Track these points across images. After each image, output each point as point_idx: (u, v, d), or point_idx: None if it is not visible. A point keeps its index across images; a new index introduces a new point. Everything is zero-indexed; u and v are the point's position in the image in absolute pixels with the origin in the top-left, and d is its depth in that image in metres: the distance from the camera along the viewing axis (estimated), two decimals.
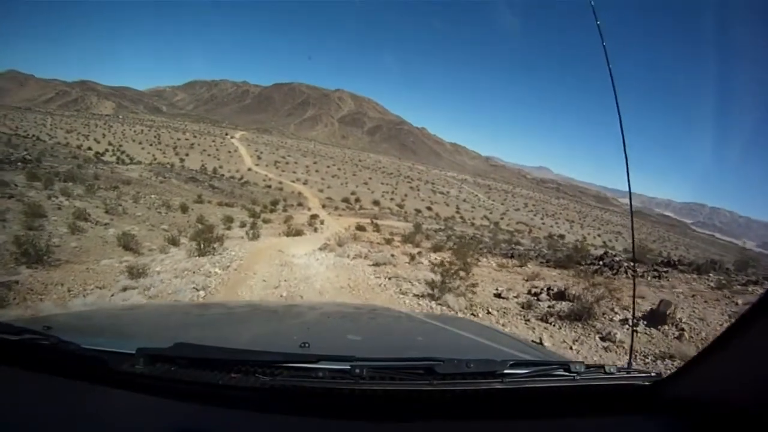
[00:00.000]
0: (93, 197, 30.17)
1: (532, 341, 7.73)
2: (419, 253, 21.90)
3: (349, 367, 1.44)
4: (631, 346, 2.90)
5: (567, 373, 1.57)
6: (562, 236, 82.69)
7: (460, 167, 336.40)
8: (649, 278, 19.04)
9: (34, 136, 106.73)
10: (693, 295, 13.54)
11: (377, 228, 43.56)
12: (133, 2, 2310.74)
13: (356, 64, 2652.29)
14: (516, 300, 12.42)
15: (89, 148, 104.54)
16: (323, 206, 75.05)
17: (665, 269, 20.23)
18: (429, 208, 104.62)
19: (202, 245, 16.75)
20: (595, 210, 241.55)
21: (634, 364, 2.11)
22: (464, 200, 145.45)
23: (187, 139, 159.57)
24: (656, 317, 9.68)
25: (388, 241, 29.38)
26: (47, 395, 1.41)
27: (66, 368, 1.50)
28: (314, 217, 49.55)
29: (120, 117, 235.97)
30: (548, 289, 13.26)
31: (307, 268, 15.33)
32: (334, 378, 1.42)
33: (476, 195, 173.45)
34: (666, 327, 9.46)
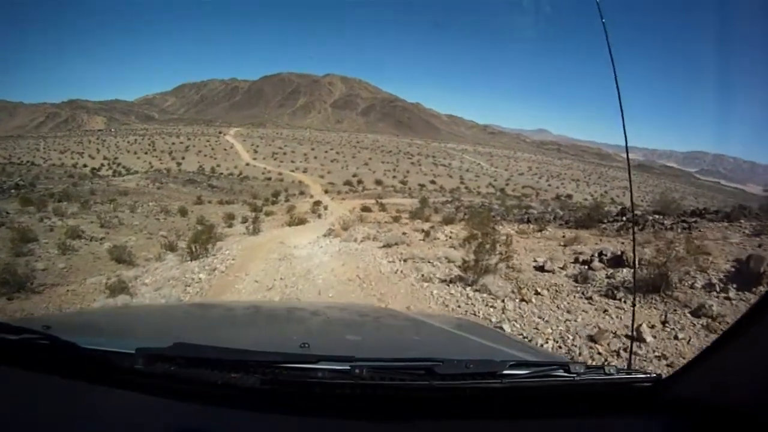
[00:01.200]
0: (88, 213, 29.72)
1: (616, 331, 6.52)
2: (432, 227, 20.60)
3: (348, 368, 1.41)
4: (631, 347, 2.98)
5: (567, 374, 1.52)
6: (569, 196, 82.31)
7: (458, 138, 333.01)
8: (678, 230, 18.12)
9: (28, 161, 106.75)
10: (760, 245, 11.82)
11: (383, 207, 42.54)
12: (110, 13, 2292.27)
13: (342, 47, 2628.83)
14: (564, 273, 10.54)
15: (84, 165, 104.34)
16: (326, 192, 74.52)
17: (693, 219, 19.07)
18: (433, 182, 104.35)
19: (193, 248, 15.67)
20: (599, 167, 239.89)
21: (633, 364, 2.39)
22: (467, 170, 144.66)
23: (181, 143, 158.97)
24: (748, 277, 7.86)
25: (396, 219, 28.27)
26: (47, 395, 1.41)
27: (65, 368, 1.49)
28: (317, 203, 48.69)
29: (112, 130, 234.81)
30: (600, 254, 11.23)
31: (309, 259, 14.14)
32: (334, 378, 1.41)
33: (479, 163, 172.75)
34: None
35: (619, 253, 10.78)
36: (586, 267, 10.57)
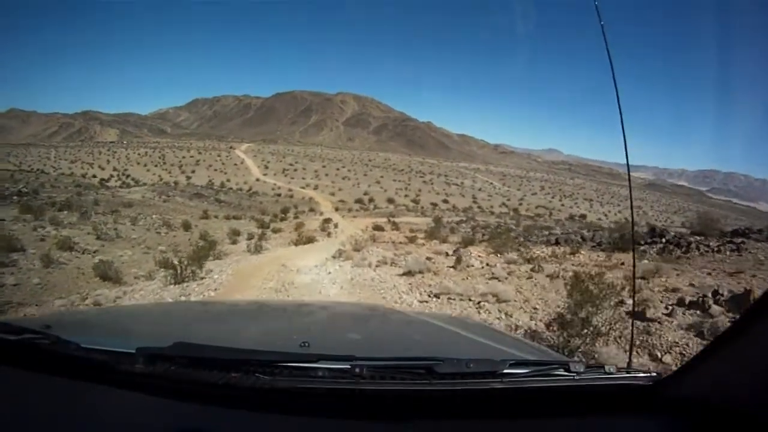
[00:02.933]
0: (86, 224, 28.24)
1: None
2: (456, 250, 18.62)
3: (349, 367, 1.43)
4: (631, 344, 3.05)
5: (567, 373, 1.55)
6: (583, 216, 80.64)
7: (469, 157, 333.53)
8: (727, 252, 16.51)
9: (38, 169, 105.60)
10: None
11: (396, 226, 41.05)
12: (127, 26, 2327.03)
13: (355, 65, 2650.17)
14: (675, 322, 7.91)
15: (94, 176, 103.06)
16: (336, 209, 72.87)
17: (739, 240, 17.87)
18: (445, 201, 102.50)
19: (179, 270, 13.88)
20: (611, 187, 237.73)
21: (633, 363, 2.21)
22: (479, 189, 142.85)
23: (192, 157, 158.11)
24: None
25: (412, 239, 26.56)
26: (47, 395, 1.42)
27: (66, 368, 1.50)
28: (327, 221, 46.75)
29: (124, 142, 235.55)
30: (715, 293, 8.71)
31: (313, 289, 12.35)
32: (334, 378, 1.43)
33: (491, 183, 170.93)
34: None
35: (741, 291, 8.50)
36: (702, 312, 8.19)
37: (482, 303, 10.29)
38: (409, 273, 13.63)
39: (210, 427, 1.32)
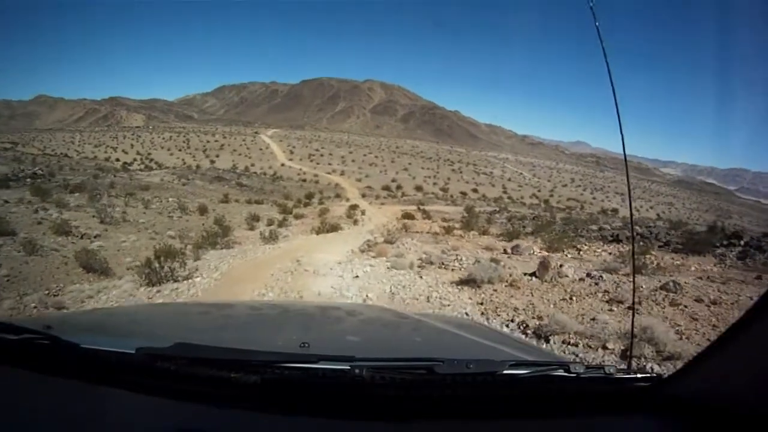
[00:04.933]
0: (93, 206, 26.49)
1: None
2: (517, 247, 15.73)
3: (349, 368, 1.42)
4: (631, 344, 3.17)
5: (567, 374, 1.53)
6: (615, 210, 77.68)
7: (497, 147, 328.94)
8: None
9: (61, 153, 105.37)
10: None
11: (427, 214, 38.28)
12: (155, 13, 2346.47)
13: (383, 53, 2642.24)
14: None
15: (117, 160, 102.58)
16: (363, 196, 70.96)
17: None
18: (474, 190, 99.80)
19: (160, 266, 11.32)
20: (641, 182, 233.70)
21: (633, 364, 2.42)
22: (509, 179, 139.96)
23: (216, 141, 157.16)
24: None
25: (448, 230, 23.62)
26: (47, 395, 1.42)
27: (66, 368, 1.50)
28: (353, 207, 44.06)
29: (150, 128, 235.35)
30: None
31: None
32: (334, 378, 1.43)
33: (520, 173, 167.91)
34: None
35: None
36: None
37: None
38: (471, 282, 10.21)
39: (210, 427, 1.32)
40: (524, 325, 7.91)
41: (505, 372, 1.47)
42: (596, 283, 10.09)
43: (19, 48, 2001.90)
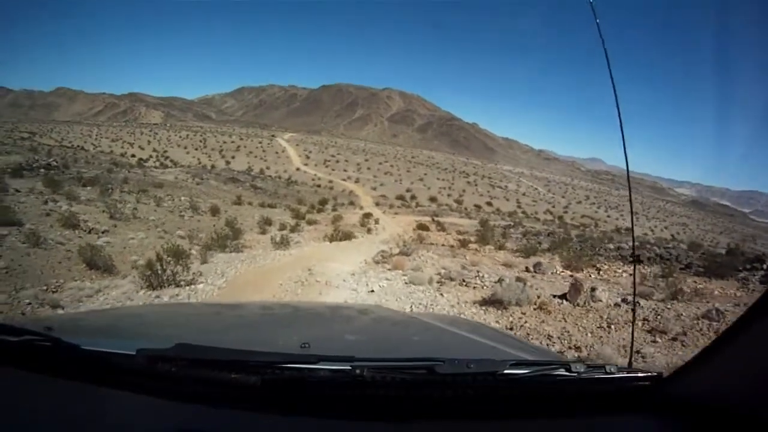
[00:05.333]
0: (104, 201, 26.10)
1: None
2: (539, 265, 15.10)
3: (349, 368, 1.43)
4: (632, 344, 2.80)
5: (567, 373, 1.55)
6: (629, 229, 76.28)
7: (513, 161, 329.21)
8: None
9: (78, 146, 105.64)
10: None
11: (441, 226, 37.76)
12: (177, 11, 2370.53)
13: (402, 62, 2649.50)
14: None
15: (132, 155, 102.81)
16: (377, 204, 70.35)
17: None
18: (489, 204, 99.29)
19: (162, 269, 10.71)
20: (656, 201, 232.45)
21: (634, 363, 2.29)
22: (524, 194, 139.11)
23: (233, 142, 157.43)
24: None
25: (464, 243, 23.07)
26: (47, 396, 1.42)
27: (66, 369, 1.50)
28: (367, 216, 43.69)
29: (167, 125, 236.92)
30: None
31: None
32: (334, 378, 1.44)
33: (535, 188, 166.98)
34: None
35: None
36: None
37: None
38: (496, 303, 9.48)
39: (211, 428, 1.32)
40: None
41: (505, 372, 1.47)
42: (632, 310, 9.20)
43: (43, 39, 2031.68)
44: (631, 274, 16.70)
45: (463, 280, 11.91)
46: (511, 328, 8.35)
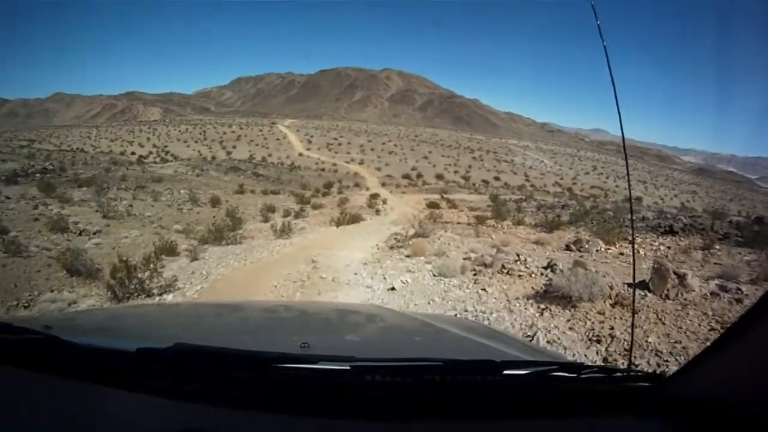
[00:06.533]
0: (99, 200, 25.50)
1: None
2: (579, 242, 13.64)
3: (349, 368, 1.42)
4: (631, 345, 3.12)
5: (567, 373, 1.54)
6: (639, 199, 76.83)
7: (517, 135, 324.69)
8: None
9: (77, 148, 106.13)
10: None
11: (452, 204, 36.58)
12: (169, 7, 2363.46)
13: (400, 42, 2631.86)
14: None
15: (132, 153, 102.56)
16: (383, 184, 69.63)
17: None
18: (496, 178, 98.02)
19: (128, 276, 9.25)
20: (663, 170, 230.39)
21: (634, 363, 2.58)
22: (530, 167, 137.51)
23: (233, 132, 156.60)
24: None
25: (480, 220, 21.62)
26: (47, 395, 1.42)
27: (66, 368, 1.51)
28: (374, 196, 42.55)
29: (167, 121, 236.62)
30: None
31: None
32: (334, 378, 1.44)
33: (541, 161, 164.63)
34: None
35: None
36: None
37: None
38: (557, 299, 7.29)
39: (210, 427, 1.32)
40: None
41: (505, 372, 1.47)
42: (737, 300, 7.17)
43: (36, 47, 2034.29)
44: (669, 247, 15.28)
45: (503, 267, 9.85)
46: (599, 341, 6.07)
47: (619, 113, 2.02)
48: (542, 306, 7.43)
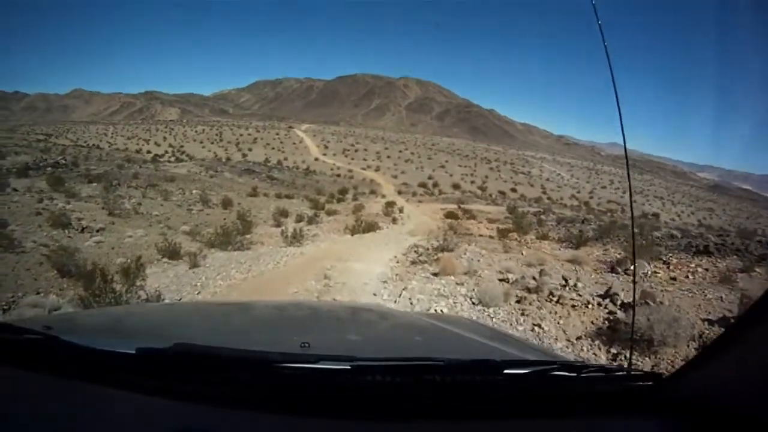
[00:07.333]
0: (107, 197, 24.84)
1: None
2: (623, 263, 12.55)
3: (349, 367, 1.43)
4: (631, 345, 3.11)
5: (567, 373, 1.55)
6: (656, 215, 75.49)
7: (533, 147, 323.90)
8: None
9: (93, 144, 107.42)
10: None
11: (471, 214, 35.25)
12: (193, 9, 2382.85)
13: (418, 50, 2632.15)
14: None
15: (148, 152, 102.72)
16: (399, 192, 68.19)
17: None
18: (513, 190, 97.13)
19: (104, 286, 8.26)
20: (681, 186, 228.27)
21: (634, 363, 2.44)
22: (547, 179, 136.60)
23: (249, 135, 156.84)
24: None
25: (504, 234, 20.52)
26: (47, 395, 1.42)
27: (66, 368, 1.50)
28: (390, 204, 41.11)
29: (184, 121, 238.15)
30: None
31: None
32: (334, 378, 1.44)
33: (558, 173, 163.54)
34: None
35: None
36: None
37: None
38: (642, 345, 5.86)
39: (210, 427, 1.32)
40: None
41: (505, 372, 1.48)
42: None
43: (57, 43, 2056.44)
44: (706, 269, 14.17)
45: (551, 294, 8.48)
46: None
47: (620, 116, 2.03)
48: (613, 351, 6.13)
